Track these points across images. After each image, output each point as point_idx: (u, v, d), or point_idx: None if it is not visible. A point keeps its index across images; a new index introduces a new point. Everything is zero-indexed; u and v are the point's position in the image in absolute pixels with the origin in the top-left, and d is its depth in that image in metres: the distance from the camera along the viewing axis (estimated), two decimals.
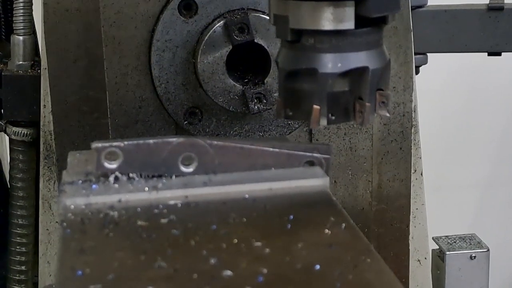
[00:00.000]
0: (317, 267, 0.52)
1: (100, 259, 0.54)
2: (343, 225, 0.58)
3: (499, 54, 0.95)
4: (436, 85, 1.71)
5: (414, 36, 0.84)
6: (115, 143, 0.64)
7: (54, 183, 0.84)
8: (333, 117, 0.64)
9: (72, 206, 0.61)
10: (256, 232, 0.57)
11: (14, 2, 0.85)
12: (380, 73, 0.64)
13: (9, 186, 0.90)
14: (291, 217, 0.59)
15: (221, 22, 0.76)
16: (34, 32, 0.86)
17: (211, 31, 0.76)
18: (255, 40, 0.76)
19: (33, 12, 0.85)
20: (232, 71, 0.77)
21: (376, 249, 0.55)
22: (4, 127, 0.87)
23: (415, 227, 0.88)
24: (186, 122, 0.80)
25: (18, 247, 0.89)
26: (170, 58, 0.78)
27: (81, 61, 0.79)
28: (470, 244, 0.98)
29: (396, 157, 0.85)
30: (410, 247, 0.88)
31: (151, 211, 0.61)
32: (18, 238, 0.89)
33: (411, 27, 0.83)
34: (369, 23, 0.63)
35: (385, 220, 0.86)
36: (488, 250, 0.97)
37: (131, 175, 0.64)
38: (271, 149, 0.67)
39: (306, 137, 0.83)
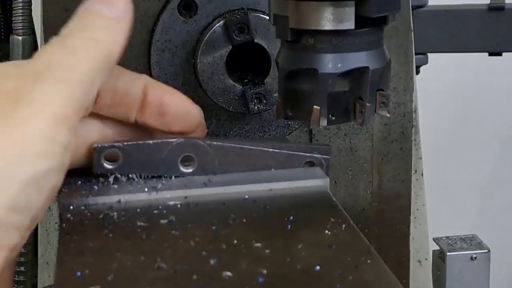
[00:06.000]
0: (317, 267, 0.52)
1: (99, 260, 0.54)
2: (343, 225, 0.58)
3: (499, 54, 0.95)
4: (437, 85, 1.71)
5: (415, 36, 0.83)
6: (114, 144, 0.64)
7: None
8: (333, 118, 0.63)
9: (71, 207, 0.61)
10: (256, 232, 0.57)
11: (13, 2, 0.84)
12: (381, 73, 0.64)
13: None
14: (291, 217, 0.59)
15: (221, 22, 0.76)
16: (33, 32, 0.86)
17: (211, 31, 0.76)
18: (255, 40, 0.76)
19: (33, 12, 0.85)
20: (232, 71, 0.77)
21: (376, 250, 0.55)
22: None
23: (415, 227, 0.88)
24: None
25: None
26: (169, 58, 0.78)
27: None
28: (471, 245, 0.98)
29: (397, 158, 0.85)
30: (410, 248, 0.87)
31: (150, 212, 0.61)
32: None
33: (412, 27, 0.83)
34: (370, 23, 0.62)
35: (386, 220, 0.86)
36: (489, 251, 0.97)
37: (130, 175, 0.64)
38: (271, 149, 0.67)
39: (306, 138, 0.83)
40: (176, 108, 0.65)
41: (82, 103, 0.56)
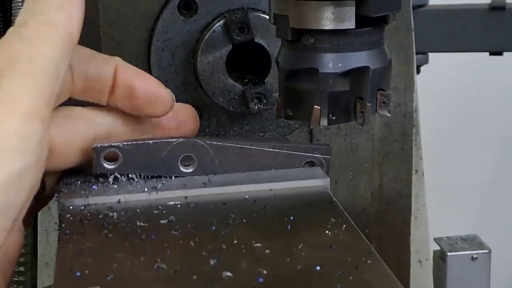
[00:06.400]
0: (318, 268, 0.52)
1: (99, 260, 0.53)
2: (344, 226, 0.58)
3: (500, 53, 0.94)
4: (438, 85, 1.71)
5: (415, 35, 0.83)
6: (114, 144, 0.63)
7: None
8: (334, 117, 0.63)
9: (71, 207, 0.61)
10: (256, 233, 0.57)
11: (13, 2, 0.84)
12: (381, 73, 0.64)
13: None
14: (292, 217, 0.59)
15: (221, 21, 0.75)
16: None
17: (211, 30, 0.75)
18: (255, 40, 0.75)
19: None
20: (232, 71, 0.77)
21: (377, 250, 0.55)
22: None
23: (416, 228, 0.88)
24: None
25: None
26: (169, 58, 0.78)
27: None
28: (472, 245, 0.97)
29: (397, 158, 0.85)
30: (411, 248, 0.87)
31: (150, 212, 0.60)
32: None
33: (413, 27, 0.83)
34: (370, 22, 0.62)
35: (386, 221, 0.86)
36: (490, 251, 0.97)
37: (130, 175, 0.64)
38: (271, 149, 0.67)
39: (306, 138, 0.83)
40: (145, 91, 0.63)
41: (51, 93, 0.54)
